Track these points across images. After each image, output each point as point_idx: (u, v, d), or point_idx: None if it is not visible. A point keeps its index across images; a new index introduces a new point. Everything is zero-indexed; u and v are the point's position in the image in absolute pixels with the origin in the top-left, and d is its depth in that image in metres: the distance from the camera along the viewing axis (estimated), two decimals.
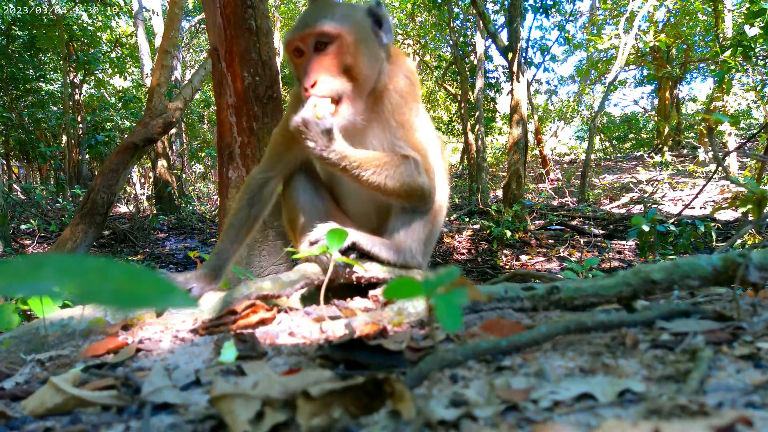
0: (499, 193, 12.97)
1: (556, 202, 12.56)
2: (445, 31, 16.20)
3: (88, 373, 1.02)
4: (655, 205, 10.23)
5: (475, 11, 11.50)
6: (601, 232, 8.93)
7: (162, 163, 12.73)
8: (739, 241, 4.44)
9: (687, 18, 17.43)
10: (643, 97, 27.10)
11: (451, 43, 15.13)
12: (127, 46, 16.20)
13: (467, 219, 10.29)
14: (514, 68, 9.39)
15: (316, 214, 1.90)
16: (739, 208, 2.06)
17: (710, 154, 12.78)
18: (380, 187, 1.71)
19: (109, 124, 13.26)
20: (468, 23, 15.69)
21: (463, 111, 14.69)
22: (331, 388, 0.71)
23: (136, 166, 13.53)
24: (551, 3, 11.11)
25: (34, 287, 0.49)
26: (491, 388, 0.78)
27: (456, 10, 15.01)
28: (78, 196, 10.51)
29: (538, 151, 17.12)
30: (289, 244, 2.09)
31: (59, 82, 15.29)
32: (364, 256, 1.77)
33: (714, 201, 10.26)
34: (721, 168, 2.68)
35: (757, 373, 0.77)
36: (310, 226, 1.78)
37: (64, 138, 12.76)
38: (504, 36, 10.29)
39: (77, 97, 14.78)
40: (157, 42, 11.42)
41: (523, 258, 8.02)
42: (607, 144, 26.15)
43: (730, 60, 7.14)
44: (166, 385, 0.88)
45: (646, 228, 3.33)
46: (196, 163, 18.24)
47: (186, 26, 18.31)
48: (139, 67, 14.37)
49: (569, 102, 24.70)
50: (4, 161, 14.84)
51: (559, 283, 1.26)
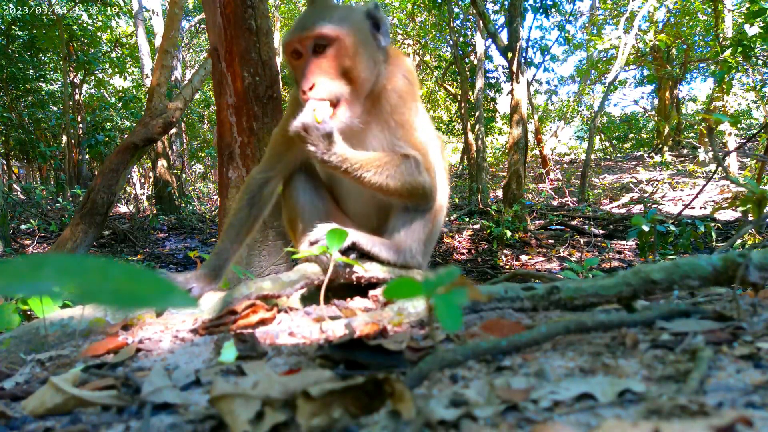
0: (499, 193, 12.96)
1: (556, 202, 12.56)
2: (445, 31, 16.19)
3: (88, 373, 1.02)
4: (655, 205, 10.23)
5: (475, 11, 11.50)
6: (601, 232, 8.93)
7: (162, 163, 12.72)
8: (739, 241, 4.43)
9: (687, 18, 17.43)
10: (643, 97, 27.10)
11: (451, 43, 15.13)
12: (127, 46, 16.19)
13: (467, 219, 10.29)
14: (514, 68, 9.39)
15: (316, 214, 1.90)
16: (739, 208, 2.06)
17: (710, 154, 12.78)
18: (382, 187, 1.72)
19: (109, 124, 13.28)
20: (468, 23, 15.67)
21: (463, 111, 14.69)
22: (331, 388, 0.71)
23: (136, 166, 13.54)
24: (551, 3, 11.09)
25: (34, 287, 0.49)
26: (491, 388, 0.78)
27: (456, 10, 15.00)
28: (78, 196, 10.50)
29: (538, 151, 17.10)
30: (289, 244, 2.09)
31: (59, 82, 15.28)
32: (364, 256, 1.77)
33: (714, 201, 10.25)
34: (721, 168, 2.68)
35: (757, 373, 0.77)
36: (310, 226, 1.79)
37: (64, 138, 12.75)
38: (504, 36, 10.29)
39: (77, 97, 14.77)
40: (157, 42, 11.41)
41: (523, 258, 8.02)
42: (607, 144, 26.15)
43: (730, 60, 7.15)
44: (166, 385, 0.88)
45: (646, 228, 3.33)
46: (196, 163, 18.26)
47: (186, 26, 18.31)
48: (139, 67, 14.36)
49: (569, 102, 24.68)
50: (4, 161, 14.82)
51: (559, 283, 1.26)
